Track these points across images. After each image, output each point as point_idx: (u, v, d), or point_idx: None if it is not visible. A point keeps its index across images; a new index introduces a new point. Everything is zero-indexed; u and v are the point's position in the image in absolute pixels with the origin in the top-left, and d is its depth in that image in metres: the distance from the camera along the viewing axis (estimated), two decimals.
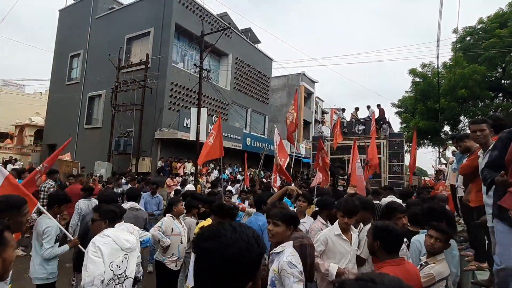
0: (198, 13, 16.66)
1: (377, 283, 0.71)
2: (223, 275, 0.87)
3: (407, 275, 2.02)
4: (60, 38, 20.88)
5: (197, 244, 0.93)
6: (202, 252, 0.90)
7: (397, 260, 2.13)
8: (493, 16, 15.87)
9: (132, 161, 14.38)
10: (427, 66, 17.47)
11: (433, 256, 2.52)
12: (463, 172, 3.62)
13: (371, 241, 2.23)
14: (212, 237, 0.91)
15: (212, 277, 0.88)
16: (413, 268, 2.24)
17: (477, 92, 14.91)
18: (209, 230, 0.95)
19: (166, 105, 14.87)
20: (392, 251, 2.15)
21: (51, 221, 3.12)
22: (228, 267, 0.87)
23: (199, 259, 0.91)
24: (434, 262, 2.49)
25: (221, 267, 0.86)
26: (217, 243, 0.89)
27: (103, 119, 17.03)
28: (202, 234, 0.95)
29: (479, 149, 3.22)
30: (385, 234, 2.16)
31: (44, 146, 20.69)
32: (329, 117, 31.99)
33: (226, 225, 0.96)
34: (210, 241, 0.90)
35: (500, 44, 14.16)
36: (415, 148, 11.60)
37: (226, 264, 0.87)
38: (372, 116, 15.25)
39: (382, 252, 2.16)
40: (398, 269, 2.03)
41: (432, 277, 2.37)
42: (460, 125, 16.76)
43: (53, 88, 20.57)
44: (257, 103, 21.68)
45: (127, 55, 16.41)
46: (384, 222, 2.36)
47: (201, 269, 0.90)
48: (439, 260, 2.51)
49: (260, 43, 23.19)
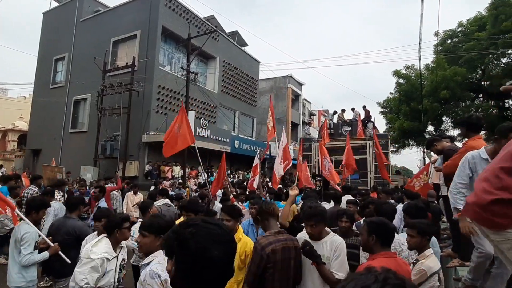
0: (185, 16, 16.64)
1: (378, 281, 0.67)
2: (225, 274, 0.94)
3: (398, 267, 2.13)
4: (44, 41, 20.52)
5: (201, 253, 0.91)
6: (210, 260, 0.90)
7: (389, 253, 2.25)
8: (472, 19, 16.37)
9: (119, 165, 14.21)
10: (410, 68, 17.89)
11: (422, 253, 2.61)
12: (446, 171, 3.61)
13: (366, 237, 2.29)
14: (212, 242, 0.91)
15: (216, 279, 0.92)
16: (404, 262, 2.36)
17: (458, 93, 15.34)
18: (201, 230, 0.94)
19: (154, 108, 14.78)
20: (385, 244, 2.26)
21: (29, 227, 3.07)
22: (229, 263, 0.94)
23: (205, 267, 0.90)
24: (423, 258, 2.58)
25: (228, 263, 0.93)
26: (221, 246, 0.92)
27: (89, 123, 16.79)
28: (196, 235, 0.93)
29: (464, 148, 3.31)
30: (380, 229, 2.27)
31: (28, 151, 20.24)
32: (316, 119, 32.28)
33: (213, 223, 0.98)
34: (215, 247, 0.91)
35: (479, 47, 14.61)
36: (379, 148, 11.91)
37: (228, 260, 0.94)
38: (358, 117, 15.54)
39: (377, 245, 2.25)
40: (390, 261, 2.14)
41: (424, 273, 2.45)
42: (443, 125, 17.18)
43: (37, 92, 20.18)
44: (245, 105, 21.74)
45: (113, 58, 16.24)
46: (378, 218, 2.49)
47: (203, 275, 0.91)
48: (428, 256, 2.59)
49: (248, 46, 23.30)
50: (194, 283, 0.91)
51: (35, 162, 19.07)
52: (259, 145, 19.70)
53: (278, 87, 27.36)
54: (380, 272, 0.66)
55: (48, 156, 17.10)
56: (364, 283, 0.63)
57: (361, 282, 0.64)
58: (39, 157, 18.88)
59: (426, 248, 2.65)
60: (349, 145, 10.33)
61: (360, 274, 0.68)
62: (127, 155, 14.17)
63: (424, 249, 2.64)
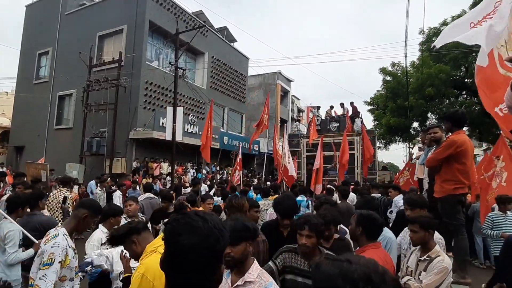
0: (172, 11, 16.43)
1: (353, 263, 0.71)
2: (202, 265, 0.92)
3: (385, 257, 2.25)
4: (27, 35, 19.94)
5: (173, 239, 0.93)
6: (180, 247, 0.91)
7: (377, 244, 2.35)
8: (456, 17, 16.66)
9: (106, 162, 14.03)
10: (396, 65, 18.15)
11: (434, 249, 2.51)
12: (429, 165, 3.75)
13: (354, 227, 2.40)
14: (187, 231, 0.92)
15: (192, 269, 0.91)
16: (387, 254, 2.47)
17: (443, 90, 15.66)
18: (180, 223, 0.96)
19: (141, 104, 14.60)
20: (371, 237, 2.34)
21: (13, 225, 3.03)
22: (208, 256, 0.92)
23: (176, 254, 0.92)
24: (438, 255, 2.47)
25: (203, 256, 0.91)
26: (195, 236, 0.91)
27: (74, 120, 16.48)
28: (175, 228, 0.95)
29: (447, 143, 3.42)
30: (366, 221, 2.34)
31: (10, 148, 19.74)
32: (305, 115, 32.49)
33: (194, 215, 0.98)
34: (186, 235, 0.91)
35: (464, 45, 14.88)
36: (369, 142, 12.19)
37: (207, 253, 0.91)
38: (346, 113, 15.73)
39: (363, 237, 2.35)
40: (378, 251, 2.25)
41: (446, 270, 2.40)
42: (428, 122, 17.51)
43: (20, 87, 19.64)
44: (234, 101, 21.69)
45: (99, 53, 15.95)
46: (368, 211, 2.51)
47: (178, 263, 0.92)
48: (439, 251, 2.51)
49: (236, 41, 23.19)
50: (168, 268, 0.97)
51: (18, 159, 18.63)
52: (248, 141, 19.72)
53: (267, 83, 27.38)
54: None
55: (32, 153, 16.74)
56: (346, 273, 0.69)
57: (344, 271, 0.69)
58: (22, 154, 18.45)
59: (430, 243, 2.54)
60: (346, 142, 10.27)
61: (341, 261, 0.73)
62: (114, 152, 13.99)
63: (428, 244, 2.53)
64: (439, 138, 3.91)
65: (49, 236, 2.15)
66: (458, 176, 3.36)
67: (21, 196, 3.47)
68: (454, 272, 3.24)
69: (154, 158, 14.43)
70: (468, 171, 3.46)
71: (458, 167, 3.37)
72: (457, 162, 3.37)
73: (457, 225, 3.39)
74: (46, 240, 2.14)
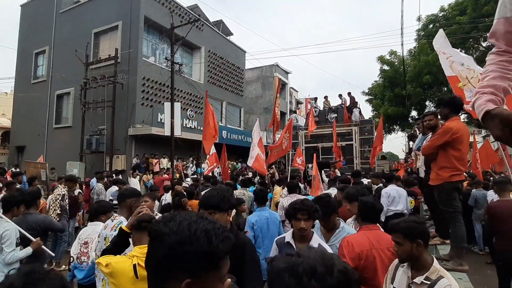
0: (167, 6, 16.29)
1: (301, 256, 0.74)
2: (162, 262, 0.85)
3: (377, 237, 2.31)
4: (23, 35, 19.82)
5: (154, 225, 0.93)
6: (153, 234, 0.90)
7: (370, 226, 2.40)
8: (454, 3, 16.53)
9: (106, 159, 14.07)
10: (394, 54, 18.02)
11: (432, 266, 1.78)
12: (425, 152, 3.75)
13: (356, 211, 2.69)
14: (165, 221, 0.91)
15: (153, 262, 0.87)
16: (383, 233, 2.48)
17: (440, 78, 15.57)
18: (170, 215, 0.95)
19: (139, 101, 14.57)
20: (367, 220, 2.45)
21: (9, 224, 3.04)
22: (168, 255, 0.84)
23: (150, 241, 0.92)
24: (440, 275, 1.74)
25: (163, 253, 0.84)
26: (166, 227, 0.88)
27: (73, 118, 16.47)
28: (162, 217, 0.95)
29: (443, 130, 3.42)
30: (363, 207, 2.48)
31: (12, 148, 19.79)
32: (303, 107, 32.39)
33: (187, 213, 0.94)
34: (161, 224, 0.90)
35: (460, 31, 14.81)
36: (382, 131, 12.10)
37: (166, 251, 0.84)
38: (344, 104, 15.69)
39: (359, 219, 2.54)
40: (369, 233, 2.34)
41: None
42: (426, 110, 17.46)
43: (18, 87, 19.59)
44: (232, 95, 21.61)
45: (95, 51, 15.84)
46: (367, 198, 2.63)
47: (149, 252, 0.91)
48: (439, 269, 1.79)
49: (232, 35, 23.02)
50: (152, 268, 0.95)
51: (20, 159, 18.68)
52: (247, 135, 19.70)
53: (264, 76, 27.24)
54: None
55: (33, 152, 16.77)
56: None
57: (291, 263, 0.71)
58: (23, 154, 18.50)
59: (423, 258, 1.81)
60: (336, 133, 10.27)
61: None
62: (113, 149, 14.01)
63: (421, 260, 1.80)
64: (434, 125, 3.90)
65: (115, 224, 2.48)
66: (454, 162, 3.34)
67: (16, 195, 3.47)
68: (451, 259, 3.26)
69: (153, 154, 14.45)
70: (464, 158, 3.44)
71: (454, 154, 3.35)
72: (453, 148, 3.35)
73: (453, 212, 3.38)
74: (113, 227, 2.47)
